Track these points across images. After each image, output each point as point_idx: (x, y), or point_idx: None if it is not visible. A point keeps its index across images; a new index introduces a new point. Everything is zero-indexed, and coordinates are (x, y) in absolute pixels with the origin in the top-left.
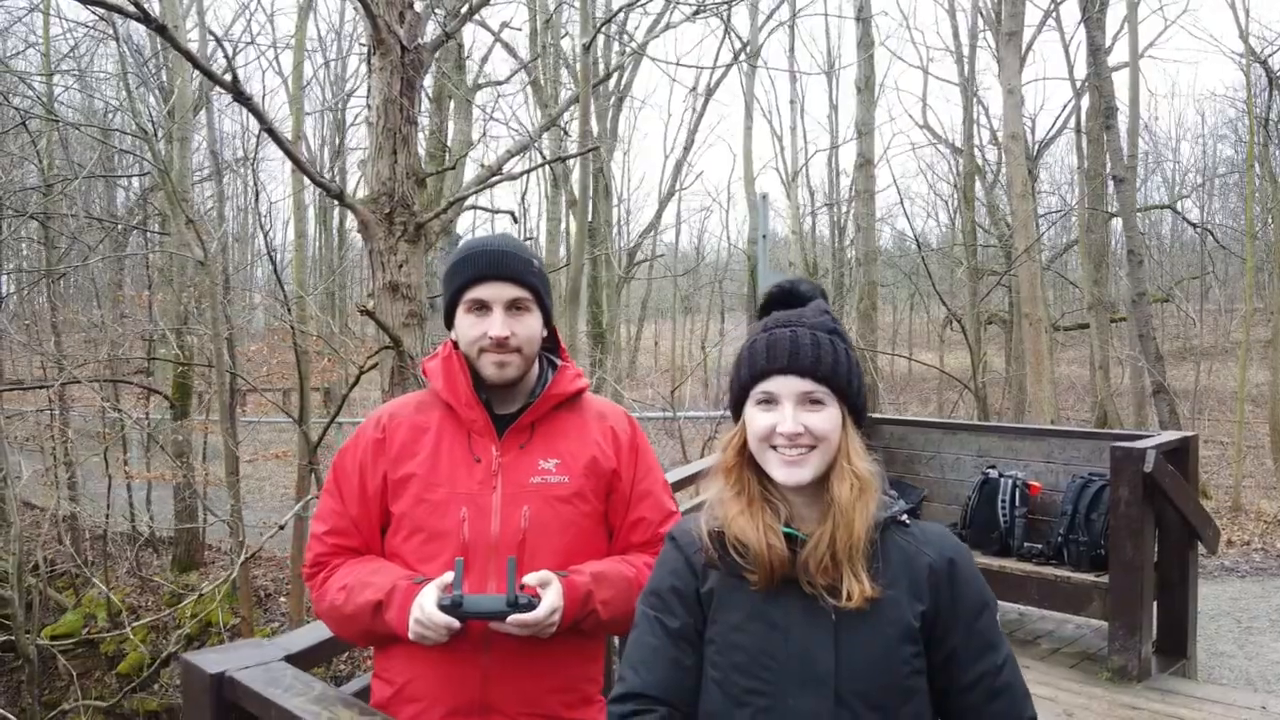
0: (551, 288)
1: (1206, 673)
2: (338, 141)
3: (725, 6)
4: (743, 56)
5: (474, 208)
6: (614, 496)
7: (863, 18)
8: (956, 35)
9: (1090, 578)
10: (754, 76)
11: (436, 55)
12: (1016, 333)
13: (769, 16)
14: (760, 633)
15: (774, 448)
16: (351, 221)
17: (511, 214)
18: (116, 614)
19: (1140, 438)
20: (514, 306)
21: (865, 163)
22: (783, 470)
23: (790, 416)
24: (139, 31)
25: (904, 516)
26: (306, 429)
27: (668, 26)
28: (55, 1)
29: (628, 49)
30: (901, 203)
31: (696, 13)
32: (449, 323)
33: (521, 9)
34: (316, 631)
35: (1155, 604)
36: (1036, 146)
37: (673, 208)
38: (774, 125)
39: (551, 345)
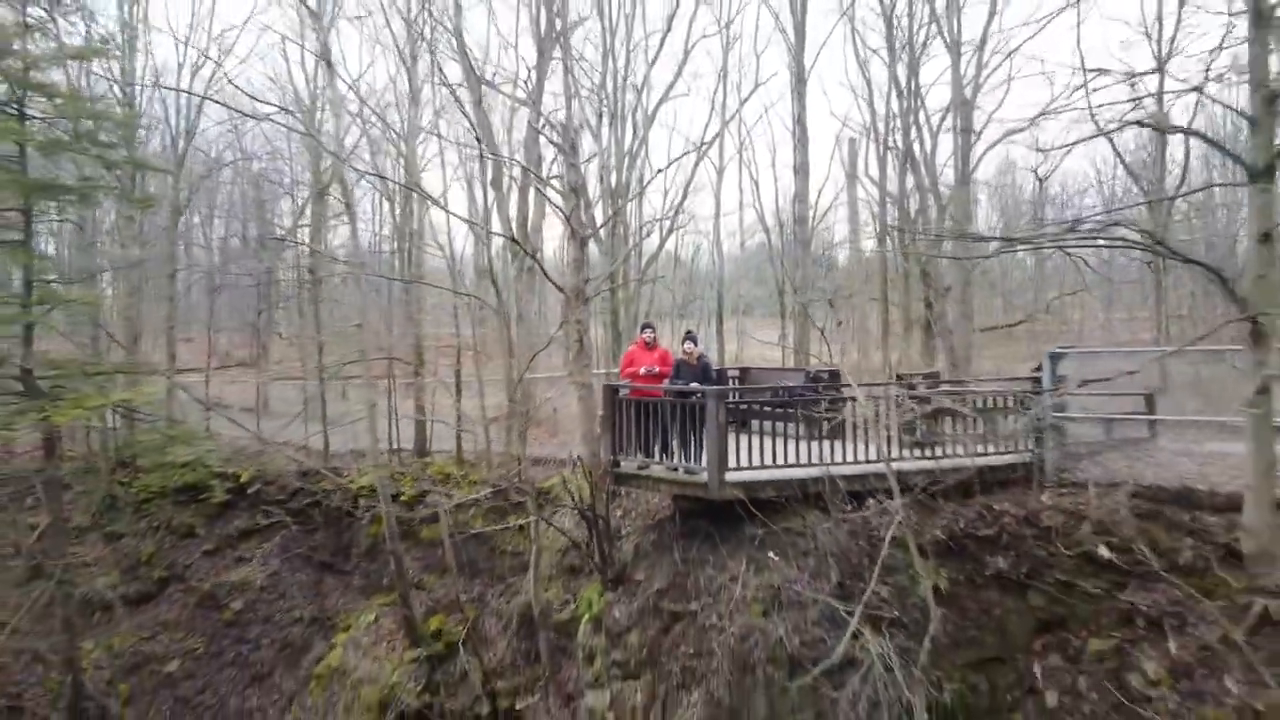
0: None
1: None
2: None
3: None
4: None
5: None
6: (667, 365)
7: (800, 122)
8: (873, 111)
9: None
10: (721, 181)
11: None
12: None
13: (724, 124)
14: (689, 375)
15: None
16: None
17: (611, 289)
18: (392, 475)
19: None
20: (653, 335)
21: (801, 221)
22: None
23: (690, 350)
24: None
25: (707, 358)
26: (514, 377)
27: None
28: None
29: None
30: (775, 259)
31: (672, 229)
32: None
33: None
34: (624, 382)
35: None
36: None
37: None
38: (752, 174)
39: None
